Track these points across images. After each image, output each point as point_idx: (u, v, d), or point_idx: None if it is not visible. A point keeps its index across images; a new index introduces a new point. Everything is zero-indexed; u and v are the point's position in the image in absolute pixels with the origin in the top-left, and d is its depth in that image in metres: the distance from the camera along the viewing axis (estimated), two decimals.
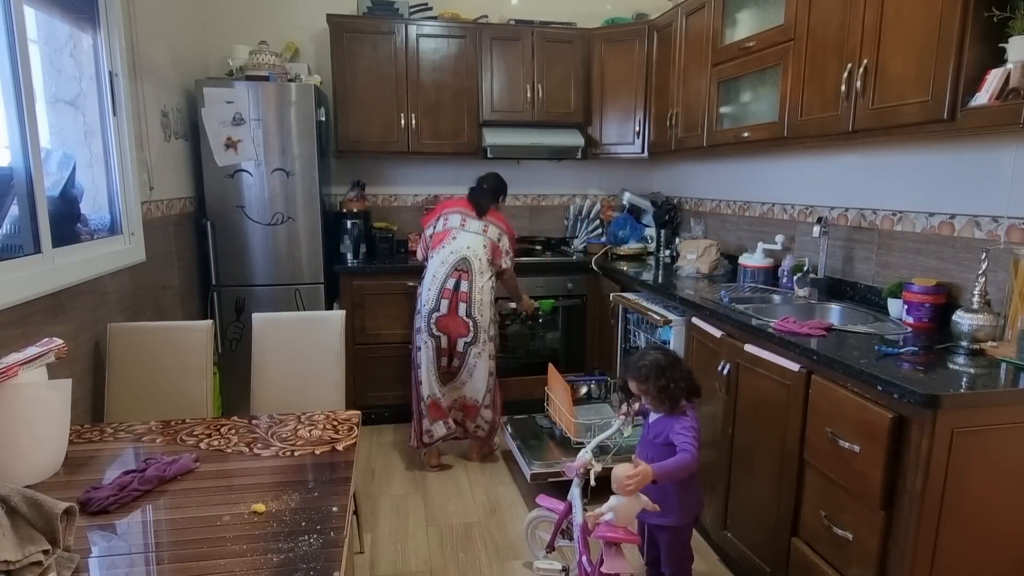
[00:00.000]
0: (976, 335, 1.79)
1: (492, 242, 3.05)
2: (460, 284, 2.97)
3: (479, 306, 2.98)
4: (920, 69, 1.83)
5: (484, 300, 2.99)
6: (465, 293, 2.97)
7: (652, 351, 1.98)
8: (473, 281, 2.98)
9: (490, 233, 3.06)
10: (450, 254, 3.01)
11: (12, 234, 1.91)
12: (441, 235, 3.07)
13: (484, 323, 3.00)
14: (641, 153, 3.89)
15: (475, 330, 2.99)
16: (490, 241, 3.04)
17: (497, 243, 3.07)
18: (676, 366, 1.91)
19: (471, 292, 2.97)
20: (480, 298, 2.98)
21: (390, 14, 3.68)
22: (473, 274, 2.98)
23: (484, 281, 3.00)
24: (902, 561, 1.55)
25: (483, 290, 2.99)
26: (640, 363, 1.92)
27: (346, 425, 1.74)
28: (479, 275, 2.99)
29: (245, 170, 3.29)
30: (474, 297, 2.97)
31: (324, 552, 1.15)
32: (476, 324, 2.99)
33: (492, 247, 3.05)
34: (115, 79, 2.48)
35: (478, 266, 2.99)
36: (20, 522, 1.09)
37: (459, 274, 2.98)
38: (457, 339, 3.01)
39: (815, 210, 2.78)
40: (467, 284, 2.98)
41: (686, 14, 3.25)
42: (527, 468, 2.79)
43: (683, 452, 1.81)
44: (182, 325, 2.26)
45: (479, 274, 2.99)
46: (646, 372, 1.89)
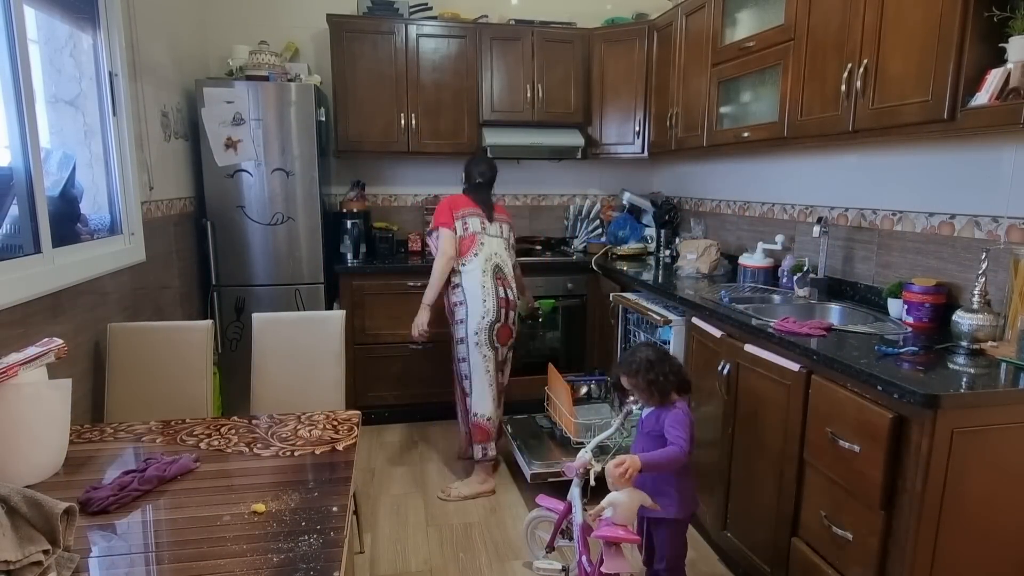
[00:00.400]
0: (976, 335, 1.79)
1: (510, 242, 3.02)
2: (508, 293, 2.88)
3: (515, 316, 2.95)
4: (920, 69, 1.83)
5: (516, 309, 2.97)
6: (513, 302, 2.92)
7: (643, 347, 2.03)
8: (509, 288, 2.90)
9: (505, 234, 2.98)
10: (486, 262, 2.85)
11: (12, 234, 1.91)
12: (469, 241, 2.86)
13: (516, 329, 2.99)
14: (641, 153, 3.89)
15: (513, 336, 2.96)
16: (508, 241, 2.99)
17: (512, 241, 3.03)
18: (665, 361, 1.96)
19: (510, 299, 2.89)
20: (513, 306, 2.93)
21: (390, 14, 3.68)
22: (508, 280, 2.90)
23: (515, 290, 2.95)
24: (902, 561, 1.55)
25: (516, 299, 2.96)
26: (631, 359, 1.98)
27: (346, 425, 1.74)
28: (513, 281, 2.95)
29: (245, 170, 3.29)
30: (511, 303, 2.91)
31: (324, 552, 1.15)
32: (512, 333, 2.95)
33: (511, 244, 3.03)
34: (115, 79, 2.48)
35: (509, 272, 2.93)
36: (20, 522, 1.09)
37: (502, 283, 2.87)
38: (506, 347, 2.96)
39: (815, 210, 2.78)
40: (512, 293, 2.91)
41: (686, 14, 3.25)
42: (527, 468, 2.79)
43: (672, 445, 1.84)
44: (182, 325, 2.26)
45: (512, 280, 2.95)
46: (636, 367, 1.94)
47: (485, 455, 2.93)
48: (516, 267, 3.07)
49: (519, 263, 3.18)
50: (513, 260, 3.00)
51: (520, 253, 3.84)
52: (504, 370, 2.99)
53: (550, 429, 3.15)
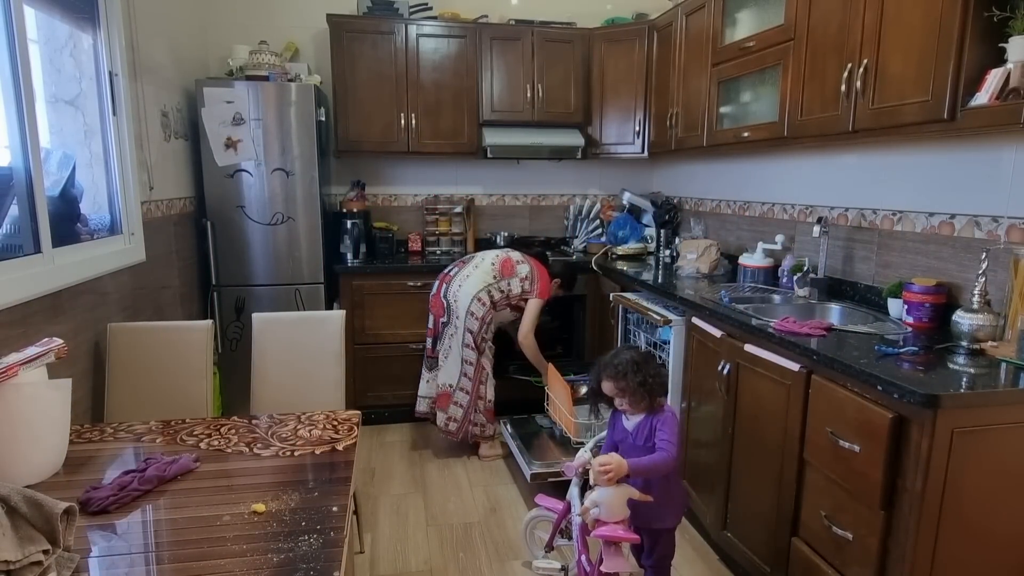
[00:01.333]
0: (976, 335, 1.79)
1: (508, 258, 3.21)
2: (451, 270, 3.22)
3: (454, 291, 3.13)
4: (920, 69, 1.83)
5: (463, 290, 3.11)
6: (449, 276, 3.22)
7: (624, 350, 1.95)
8: (463, 269, 3.19)
9: (513, 255, 3.25)
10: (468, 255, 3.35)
11: (12, 234, 1.91)
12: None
13: (456, 311, 3.11)
14: (641, 153, 3.89)
15: (448, 311, 3.14)
16: (507, 256, 3.22)
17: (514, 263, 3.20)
18: (650, 362, 1.91)
19: (454, 277, 3.18)
20: (457, 285, 3.14)
21: (390, 14, 3.68)
22: (467, 265, 3.21)
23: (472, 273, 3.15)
24: (902, 561, 1.55)
25: (466, 280, 3.14)
26: (615, 361, 1.89)
27: (346, 425, 1.74)
28: (472, 267, 3.19)
29: (245, 170, 3.29)
30: (453, 281, 3.16)
31: (324, 552, 1.15)
32: (450, 307, 3.14)
33: (505, 260, 3.20)
34: (115, 79, 2.48)
35: (476, 261, 3.21)
36: (20, 522, 1.09)
37: (460, 263, 3.24)
38: (439, 319, 3.21)
39: (815, 210, 2.78)
40: (456, 271, 3.21)
41: (686, 14, 3.25)
42: (527, 468, 2.79)
43: (660, 451, 1.81)
44: (182, 325, 2.26)
45: (473, 267, 3.18)
46: (623, 369, 1.85)
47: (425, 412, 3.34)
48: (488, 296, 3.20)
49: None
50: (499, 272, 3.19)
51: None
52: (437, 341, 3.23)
53: (550, 429, 3.15)
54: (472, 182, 4.24)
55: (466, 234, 4.15)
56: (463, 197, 4.20)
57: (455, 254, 4.03)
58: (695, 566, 2.41)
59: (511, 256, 3.23)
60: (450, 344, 3.14)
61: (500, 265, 3.17)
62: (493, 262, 3.18)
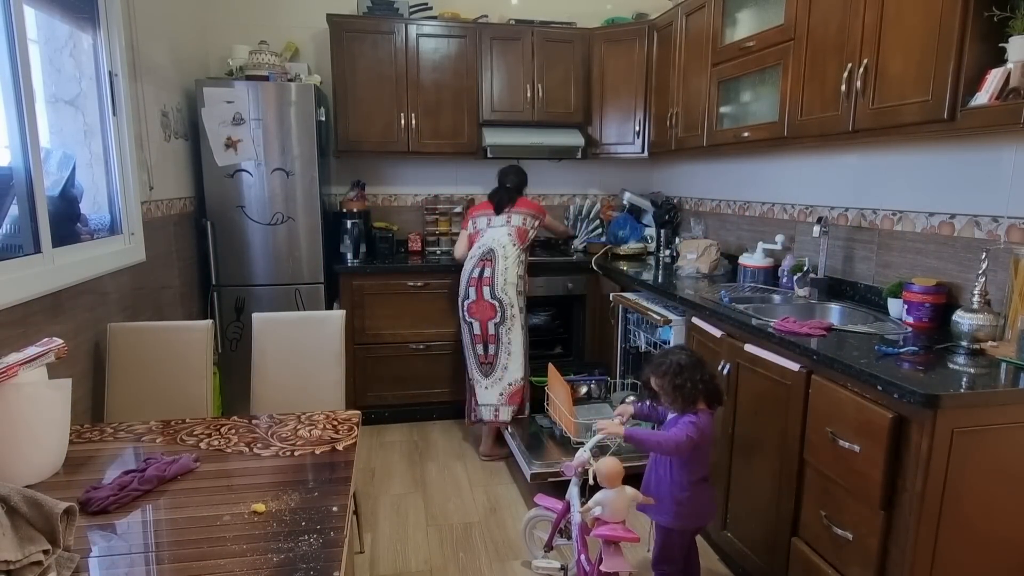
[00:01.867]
0: (976, 335, 1.79)
1: (518, 228, 3.21)
2: (484, 271, 3.15)
3: (501, 287, 3.13)
4: (920, 69, 1.83)
5: (507, 280, 3.13)
6: (488, 278, 3.14)
7: (679, 351, 2.00)
8: (496, 266, 3.14)
9: (514, 221, 3.22)
10: (478, 249, 3.20)
11: (12, 234, 1.91)
12: (473, 236, 3.29)
13: (509, 300, 3.14)
14: (641, 153, 3.89)
15: (502, 310, 3.14)
16: (515, 228, 3.21)
17: (523, 225, 3.23)
18: (697, 368, 1.92)
19: (493, 276, 3.13)
20: (503, 279, 3.13)
21: (390, 14, 3.68)
22: (496, 260, 3.15)
23: (507, 264, 3.14)
24: (902, 561, 1.55)
25: (506, 271, 3.14)
26: (662, 359, 1.96)
27: (346, 425, 1.74)
28: (501, 259, 3.15)
29: (245, 170, 3.29)
30: (496, 280, 3.13)
31: (324, 552, 1.15)
32: (501, 304, 3.14)
33: (519, 232, 3.21)
34: (115, 79, 2.48)
35: (501, 252, 3.15)
36: (20, 522, 1.09)
37: (483, 263, 3.16)
38: (487, 322, 3.16)
39: (815, 210, 2.78)
40: (490, 270, 3.14)
41: (686, 14, 3.25)
42: (527, 468, 2.79)
43: (669, 433, 1.84)
44: (182, 325, 2.26)
45: (502, 259, 3.15)
46: (665, 369, 1.91)
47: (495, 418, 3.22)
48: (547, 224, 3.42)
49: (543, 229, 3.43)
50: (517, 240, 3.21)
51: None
52: (489, 345, 3.20)
53: (550, 429, 3.15)
54: (472, 182, 4.24)
55: None
56: (463, 197, 4.20)
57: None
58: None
59: (517, 225, 3.23)
60: (509, 339, 3.16)
61: (518, 237, 3.21)
62: (513, 242, 3.19)
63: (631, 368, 3.28)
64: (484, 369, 3.23)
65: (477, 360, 3.23)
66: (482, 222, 3.28)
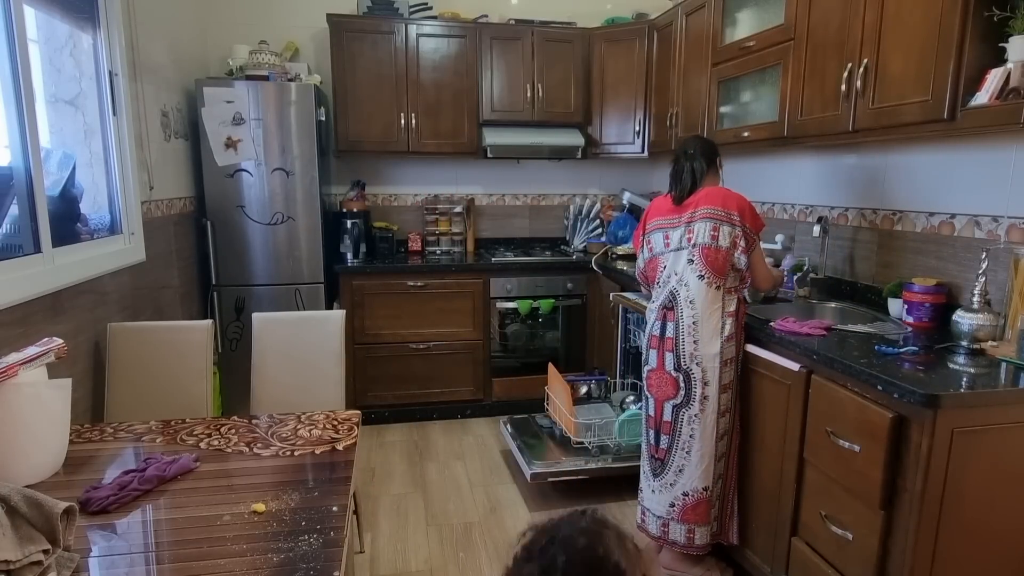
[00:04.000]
0: (976, 335, 1.79)
1: (704, 247, 2.10)
2: (666, 328, 2.18)
3: (689, 354, 2.12)
4: (920, 69, 1.83)
5: (699, 339, 2.11)
6: (671, 339, 2.16)
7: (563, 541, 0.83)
8: (681, 319, 2.14)
9: (698, 236, 2.12)
10: (660, 292, 2.23)
11: (12, 234, 1.91)
12: (653, 265, 2.28)
13: (700, 374, 2.12)
14: (641, 153, 3.89)
15: (687, 387, 2.15)
16: (699, 248, 2.11)
17: (711, 245, 2.09)
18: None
19: (677, 335, 2.15)
20: (692, 340, 2.12)
21: (390, 14, 3.68)
22: (680, 308, 2.14)
23: (695, 312, 2.11)
24: (902, 561, 1.55)
25: (696, 328, 2.11)
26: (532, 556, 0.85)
27: (346, 425, 1.74)
28: (687, 307, 2.13)
29: (245, 170, 3.29)
30: (682, 340, 2.13)
31: (324, 552, 1.15)
32: (689, 379, 2.14)
33: (704, 254, 2.10)
34: (115, 79, 2.48)
35: (685, 295, 2.14)
36: (20, 522, 1.09)
37: (664, 313, 2.20)
38: (664, 402, 2.22)
39: (815, 210, 2.78)
40: (672, 326, 2.16)
41: (686, 14, 3.25)
42: (527, 468, 2.79)
43: None
44: (182, 325, 2.26)
45: (687, 305, 2.13)
46: None
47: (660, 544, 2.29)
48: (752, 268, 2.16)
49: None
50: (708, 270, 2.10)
51: (520, 253, 3.86)
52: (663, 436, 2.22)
53: (550, 429, 3.15)
54: (472, 182, 4.24)
55: (466, 234, 4.15)
56: (463, 197, 4.20)
57: (455, 254, 4.04)
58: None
59: (701, 243, 2.10)
60: (693, 431, 2.15)
61: (708, 267, 2.09)
62: (701, 274, 2.10)
63: (631, 368, 3.28)
64: (654, 465, 2.28)
65: (648, 451, 2.31)
66: (658, 241, 2.23)
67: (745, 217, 2.10)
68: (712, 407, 2.13)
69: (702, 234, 2.11)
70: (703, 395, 2.13)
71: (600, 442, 2.84)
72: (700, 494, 2.17)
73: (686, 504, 2.19)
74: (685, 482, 2.18)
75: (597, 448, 2.85)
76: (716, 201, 2.12)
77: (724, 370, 2.12)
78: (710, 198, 2.14)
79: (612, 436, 2.84)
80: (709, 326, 2.10)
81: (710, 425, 2.14)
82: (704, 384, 2.12)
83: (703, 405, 2.13)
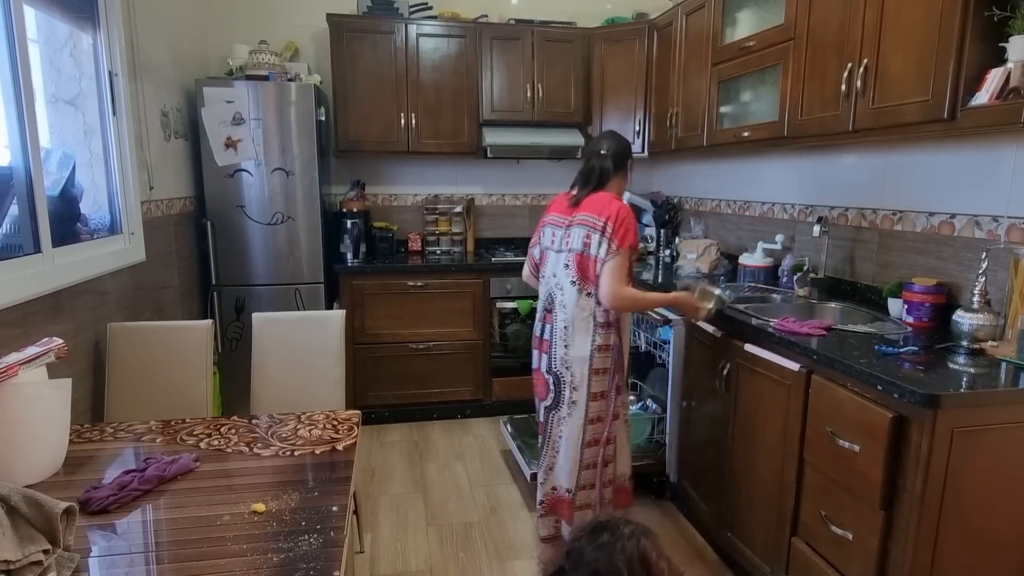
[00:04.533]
0: (976, 335, 1.79)
1: (577, 253, 2.10)
2: (545, 330, 2.21)
3: (560, 357, 2.14)
4: (920, 69, 1.83)
5: (570, 344, 2.12)
6: (547, 342, 2.19)
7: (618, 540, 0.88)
8: (555, 322, 2.16)
9: (573, 241, 2.11)
10: (542, 290, 2.26)
11: (12, 234, 1.91)
12: (543, 258, 2.28)
13: (568, 377, 2.14)
14: (641, 153, 3.88)
15: (556, 390, 2.18)
16: (574, 254, 2.11)
17: (583, 252, 2.08)
18: None
19: (552, 338, 2.17)
20: (563, 344, 2.13)
21: (390, 14, 3.68)
22: (556, 311, 2.16)
23: (567, 317, 2.12)
24: (902, 561, 1.55)
25: (567, 332, 2.12)
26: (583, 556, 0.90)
27: (346, 425, 1.74)
28: (560, 310, 2.14)
29: (245, 170, 3.29)
30: (555, 343, 2.15)
31: (324, 552, 1.15)
32: (559, 382, 2.16)
33: (577, 260, 2.10)
34: (115, 79, 2.48)
35: (560, 299, 2.15)
36: (20, 522, 1.09)
37: (544, 315, 2.23)
38: (540, 402, 2.28)
39: (815, 210, 2.78)
40: (549, 328, 2.19)
41: (686, 13, 3.25)
42: (527, 468, 2.79)
43: None
44: (182, 325, 2.26)
45: (560, 309, 2.14)
46: None
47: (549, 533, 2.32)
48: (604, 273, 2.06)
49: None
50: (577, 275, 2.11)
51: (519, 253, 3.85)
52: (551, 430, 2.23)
53: None
54: (472, 182, 4.24)
55: (466, 234, 4.15)
56: (463, 197, 4.20)
57: (455, 254, 4.04)
58: (695, 566, 2.41)
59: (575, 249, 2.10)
60: (561, 433, 2.18)
61: (579, 274, 2.10)
62: (573, 280, 2.10)
63: (631, 368, 3.28)
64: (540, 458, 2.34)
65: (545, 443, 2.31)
66: (547, 237, 2.25)
67: (614, 228, 2.04)
68: (580, 413, 2.14)
69: (577, 240, 2.11)
70: (571, 399, 2.14)
71: None
72: (564, 494, 2.21)
73: (554, 498, 2.25)
74: (554, 479, 2.24)
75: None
76: (594, 208, 2.10)
77: (595, 378, 2.12)
78: (591, 205, 2.11)
79: None
80: (579, 332, 2.11)
81: (576, 430, 2.15)
82: (573, 389, 2.13)
83: (571, 410, 2.15)
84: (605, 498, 2.23)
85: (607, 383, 2.14)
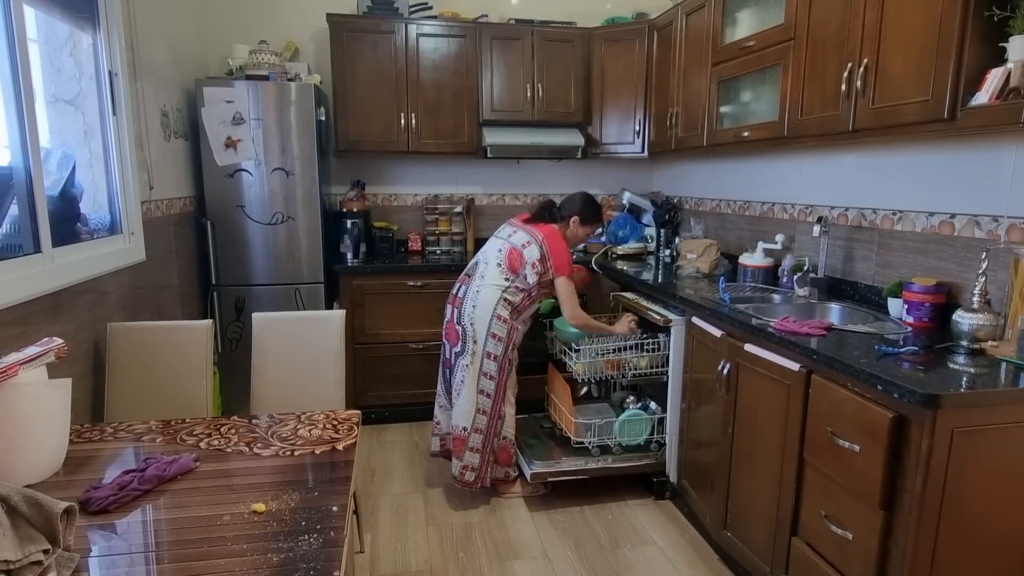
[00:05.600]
0: (976, 335, 1.79)
1: (512, 247, 2.74)
2: (459, 290, 2.82)
3: (468, 313, 2.72)
4: (920, 68, 1.83)
5: (477, 304, 2.71)
6: (459, 299, 2.79)
7: None
8: (471, 285, 2.77)
9: (514, 239, 2.77)
10: (471, 262, 2.90)
11: (12, 234, 1.91)
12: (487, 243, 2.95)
13: (472, 332, 2.70)
14: (641, 153, 3.89)
15: (463, 339, 2.72)
16: (510, 246, 2.75)
17: (520, 250, 2.73)
18: None
19: (465, 296, 2.76)
20: (471, 304, 2.72)
21: (390, 13, 3.68)
22: (475, 277, 2.78)
23: (482, 283, 2.73)
24: (902, 561, 1.55)
25: (477, 295, 2.72)
26: None
27: (346, 425, 1.74)
28: (479, 278, 2.76)
29: (245, 170, 3.29)
30: (467, 300, 2.74)
31: (324, 552, 1.15)
32: (465, 333, 2.72)
33: (510, 251, 2.74)
34: (115, 79, 2.48)
35: (482, 269, 2.78)
36: (20, 521, 1.09)
37: (465, 279, 2.84)
38: (451, 348, 2.80)
39: (815, 210, 2.78)
40: (464, 289, 2.80)
41: (686, 13, 3.25)
42: (527, 468, 2.79)
43: None
44: (182, 325, 2.26)
45: (479, 277, 2.76)
46: None
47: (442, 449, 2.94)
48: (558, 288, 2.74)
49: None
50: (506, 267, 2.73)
51: None
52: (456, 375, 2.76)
53: (550, 429, 3.15)
54: (472, 182, 4.24)
55: (466, 234, 4.15)
56: (463, 197, 4.21)
57: (455, 254, 4.04)
58: (695, 566, 2.41)
59: (514, 244, 2.76)
60: (463, 377, 2.71)
61: (507, 262, 2.73)
62: (499, 262, 2.74)
63: None
64: (444, 387, 2.89)
65: (443, 384, 2.89)
66: (501, 229, 2.92)
67: (552, 254, 2.71)
68: (478, 362, 2.69)
69: (518, 239, 2.77)
70: (472, 351, 2.70)
71: (600, 442, 2.85)
72: (460, 432, 2.72)
73: (453, 436, 2.76)
74: (453, 417, 2.76)
75: (597, 448, 2.85)
76: (543, 233, 2.76)
77: (490, 340, 2.69)
78: (542, 229, 2.78)
79: (612, 436, 2.84)
80: (487, 299, 2.70)
81: (474, 376, 2.70)
82: (474, 342, 2.70)
83: (472, 358, 2.70)
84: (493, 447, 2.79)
85: (500, 351, 2.71)
